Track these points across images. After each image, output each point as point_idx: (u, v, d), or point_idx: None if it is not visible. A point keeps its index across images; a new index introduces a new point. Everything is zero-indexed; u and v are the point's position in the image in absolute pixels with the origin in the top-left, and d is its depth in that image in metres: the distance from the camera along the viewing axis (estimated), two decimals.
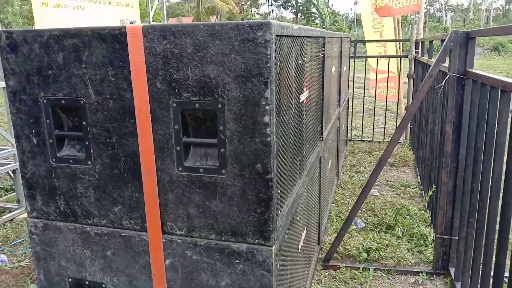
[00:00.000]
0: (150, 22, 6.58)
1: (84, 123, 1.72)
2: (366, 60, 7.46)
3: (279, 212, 1.72)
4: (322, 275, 2.85)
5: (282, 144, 1.72)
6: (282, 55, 1.66)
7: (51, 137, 1.78)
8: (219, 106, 1.53)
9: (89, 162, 1.75)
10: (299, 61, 2.06)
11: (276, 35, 1.51)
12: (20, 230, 3.69)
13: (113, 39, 1.59)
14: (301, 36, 2.07)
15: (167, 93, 1.58)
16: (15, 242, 3.45)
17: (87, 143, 1.73)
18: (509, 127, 1.99)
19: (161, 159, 1.65)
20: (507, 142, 1.97)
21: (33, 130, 1.80)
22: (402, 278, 2.84)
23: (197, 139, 1.63)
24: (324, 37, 2.94)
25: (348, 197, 4.25)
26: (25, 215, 3.99)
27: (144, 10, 9.30)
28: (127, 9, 5.89)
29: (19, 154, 1.85)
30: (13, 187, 4.45)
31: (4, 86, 3.88)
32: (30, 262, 3.14)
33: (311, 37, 2.42)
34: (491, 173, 2.15)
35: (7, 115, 3.95)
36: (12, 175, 4.26)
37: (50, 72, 1.70)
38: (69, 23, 4.52)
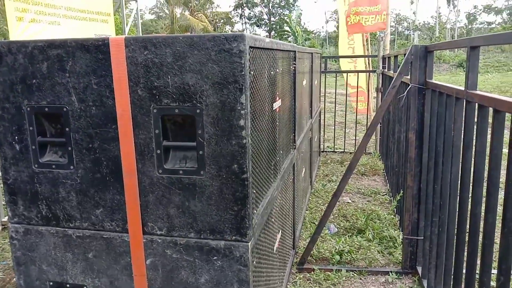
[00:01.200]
0: None
1: (67, 129, 1.79)
2: (336, 75, 7.74)
3: (255, 211, 1.83)
4: (297, 277, 2.95)
5: (257, 147, 1.85)
6: (256, 65, 1.80)
7: (34, 143, 1.84)
8: (198, 111, 1.65)
9: (72, 167, 1.82)
10: (272, 72, 2.21)
11: (250, 47, 1.64)
12: None
13: (96, 50, 1.69)
14: (273, 49, 2.22)
15: (148, 100, 1.68)
16: None
17: (69, 148, 1.81)
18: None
19: (142, 162, 1.74)
20: (461, 145, 2.16)
21: (16, 137, 1.86)
22: (373, 278, 2.98)
23: (176, 143, 1.74)
24: (295, 51, 3.11)
25: (322, 204, 4.40)
26: None
27: (118, 26, 9.36)
28: (103, 25, 5.96)
29: (1, 160, 1.89)
30: None
31: None
32: (4, 275, 3.12)
33: (283, 50, 2.58)
34: (449, 174, 2.34)
35: None
36: None
37: (34, 81, 1.78)
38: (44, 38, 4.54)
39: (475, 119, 2.02)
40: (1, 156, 1.89)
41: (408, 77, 3.03)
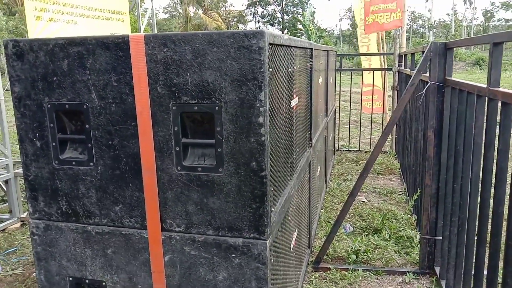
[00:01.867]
0: None
1: (87, 126, 1.81)
2: (351, 74, 7.68)
3: (273, 209, 1.82)
4: (313, 277, 2.94)
5: (275, 145, 1.84)
6: (274, 62, 1.79)
7: (55, 140, 1.86)
8: (217, 108, 1.64)
9: (91, 164, 1.84)
10: (289, 69, 2.20)
11: (269, 43, 1.63)
12: (13, 239, 3.70)
13: (116, 47, 1.70)
14: (291, 46, 2.21)
15: (167, 97, 1.69)
16: (8, 251, 3.47)
17: (89, 145, 1.82)
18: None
19: (161, 159, 1.75)
20: (483, 143, 2.12)
21: (37, 134, 1.88)
22: (390, 278, 2.94)
23: (195, 140, 1.74)
24: (312, 48, 3.10)
25: (337, 203, 4.37)
26: (18, 225, 4.01)
27: (132, 26, 9.44)
28: (118, 24, 6.01)
29: (22, 157, 1.92)
30: (5, 198, 4.46)
31: None
32: (24, 270, 3.17)
33: (300, 47, 2.56)
34: (470, 173, 2.29)
35: (0, 126, 3.99)
36: (3, 186, 4.28)
37: (54, 78, 1.80)
38: None
39: (498, 117, 1.97)
40: (22, 153, 1.92)
41: (427, 74, 2.99)
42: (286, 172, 2.15)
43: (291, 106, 2.25)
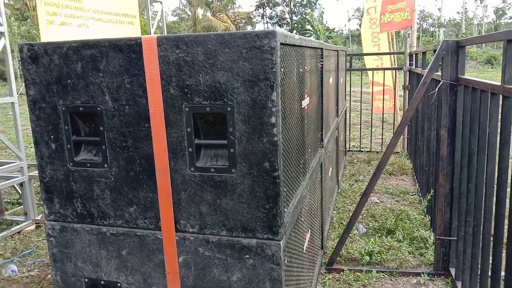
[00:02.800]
0: None
1: (101, 128, 1.82)
2: (361, 74, 7.64)
3: (286, 209, 1.82)
4: (326, 278, 2.92)
5: (287, 145, 1.83)
6: (286, 62, 1.79)
7: (69, 142, 1.88)
8: (229, 109, 1.65)
9: (106, 165, 1.85)
10: (300, 69, 2.19)
11: (281, 43, 1.63)
12: (28, 241, 3.75)
13: (129, 49, 1.71)
14: (302, 46, 2.21)
15: (180, 98, 1.69)
16: (24, 252, 3.52)
17: (103, 147, 1.84)
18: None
19: (174, 161, 1.75)
20: (498, 142, 2.09)
21: (52, 136, 1.90)
22: (405, 280, 2.92)
23: (208, 141, 1.74)
24: (322, 48, 3.09)
25: (349, 204, 4.34)
26: (33, 227, 4.06)
27: (142, 29, 9.52)
28: (129, 27, 6.06)
29: (37, 159, 1.95)
30: (20, 200, 4.52)
31: (13, 101, 3.97)
32: (39, 272, 3.21)
33: (311, 47, 2.56)
34: (485, 172, 2.26)
35: (15, 129, 4.05)
36: (18, 189, 4.34)
37: (69, 81, 1.82)
38: None
39: None
40: (37, 155, 1.94)
41: (439, 73, 2.96)
42: (298, 173, 2.14)
43: (302, 106, 2.24)
